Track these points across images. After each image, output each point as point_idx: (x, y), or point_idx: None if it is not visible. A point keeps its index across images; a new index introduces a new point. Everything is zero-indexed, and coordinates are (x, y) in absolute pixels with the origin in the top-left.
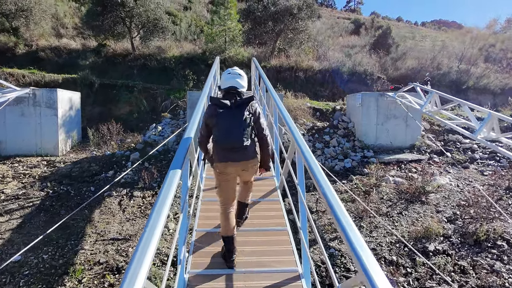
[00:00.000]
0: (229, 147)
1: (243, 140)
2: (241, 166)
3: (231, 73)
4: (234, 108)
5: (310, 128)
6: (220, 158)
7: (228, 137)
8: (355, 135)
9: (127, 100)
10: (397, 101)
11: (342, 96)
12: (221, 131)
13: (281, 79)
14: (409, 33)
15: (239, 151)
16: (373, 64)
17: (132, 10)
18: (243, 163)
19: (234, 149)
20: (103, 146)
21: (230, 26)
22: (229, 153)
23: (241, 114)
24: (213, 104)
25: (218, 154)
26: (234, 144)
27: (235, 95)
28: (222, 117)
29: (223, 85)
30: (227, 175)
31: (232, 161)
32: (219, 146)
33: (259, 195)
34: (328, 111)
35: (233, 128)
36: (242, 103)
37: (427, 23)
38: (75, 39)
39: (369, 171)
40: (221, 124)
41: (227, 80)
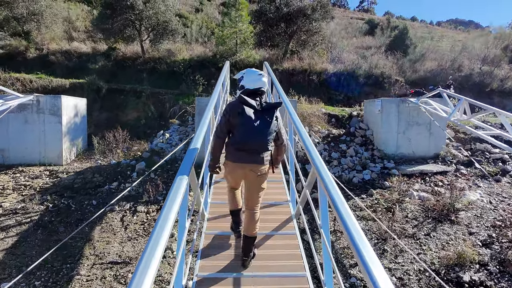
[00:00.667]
0: (246, 149)
1: (267, 145)
2: (251, 168)
3: (261, 74)
4: (262, 111)
5: (325, 135)
6: (233, 158)
7: (253, 140)
8: (373, 143)
9: (135, 106)
10: (421, 108)
11: (358, 101)
12: (246, 132)
13: (294, 83)
14: (425, 33)
15: (255, 154)
16: (390, 66)
17: (141, 12)
18: (255, 166)
19: (251, 152)
20: (109, 154)
21: (241, 28)
22: (245, 154)
23: (269, 119)
24: (240, 102)
25: (231, 154)
26: (258, 146)
27: (259, 96)
28: (249, 118)
29: (249, 85)
30: (235, 175)
31: (245, 162)
32: (237, 147)
33: (273, 226)
34: (344, 118)
35: (261, 132)
36: (271, 107)
37: (443, 22)
38: (85, 42)
39: (390, 184)
40: (247, 125)
41: (255, 81)
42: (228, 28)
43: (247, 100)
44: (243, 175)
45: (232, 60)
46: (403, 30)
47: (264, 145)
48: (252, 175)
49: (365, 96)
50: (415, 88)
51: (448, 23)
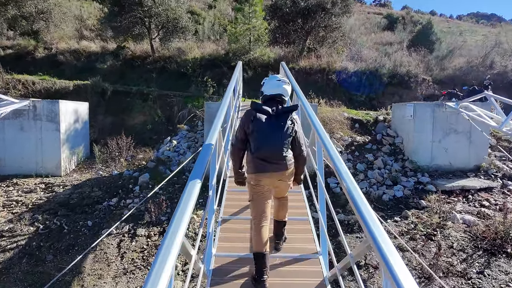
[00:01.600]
0: (266, 157)
1: (283, 150)
2: (277, 177)
3: (281, 80)
4: (276, 116)
5: (348, 143)
6: (255, 169)
7: (266, 146)
8: (404, 153)
9: (141, 109)
10: (463, 115)
11: (381, 102)
12: (259, 139)
13: (311, 83)
14: (449, 28)
15: (277, 162)
16: (415, 64)
17: (150, 9)
18: (280, 174)
19: (271, 160)
20: (111, 163)
21: (255, 24)
22: (265, 164)
23: (283, 122)
24: (253, 109)
25: (253, 164)
26: (273, 154)
27: (278, 103)
28: (262, 124)
29: (268, 91)
30: (262, 187)
31: (268, 171)
32: (255, 156)
33: None
34: (369, 123)
35: (274, 137)
36: (285, 111)
37: (464, 16)
38: (94, 41)
39: (427, 203)
40: (260, 132)
41: (274, 87)
42: (241, 25)
43: (259, 105)
44: (269, 184)
45: (245, 58)
46: (427, 24)
47: (279, 152)
48: (277, 183)
49: (389, 97)
50: (445, 88)
51: (469, 16)
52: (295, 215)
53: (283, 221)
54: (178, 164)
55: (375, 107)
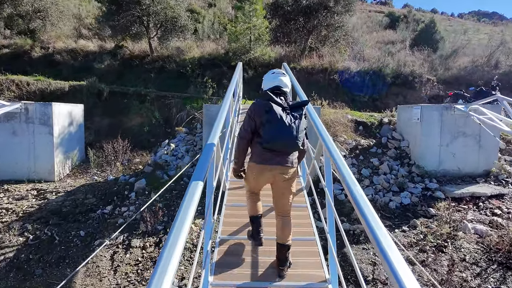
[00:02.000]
0: (278, 149)
1: (297, 145)
2: (281, 171)
3: (275, 73)
4: (290, 109)
5: (352, 147)
6: (260, 159)
7: (282, 139)
8: (410, 157)
9: (138, 111)
10: (474, 119)
11: (385, 102)
12: (275, 131)
13: (313, 83)
14: (449, 26)
15: (283, 156)
16: (419, 64)
17: (148, 8)
18: (284, 168)
19: (283, 152)
20: (107, 168)
21: (256, 23)
22: (273, 156)
23: (299, 116)
24: (268, 100)
25: (258, 155)
26: (287, 147)
27: (280, 95)
28: (277, 116)
29: (267, 86)
30: (261, 179)
31: (273, 164)
32: (265, 147)
33: None
34: (374, 125)
35: (291, 130)
36: (297, 105)
37: (465, 14)
38: (92, 40)
39: (436, 211)
40: (276, 123)
41: (271, 80)
42: (241, 24)
43: (274, 98)
44: (270, 179)
45: (245, 58)
46: (430, 23)
47: (296, 144)
48: (280, 178)
49: (392, 97)
50: (450, 88)
51: (471, 15)
52: (300, 234)
53: (287, 245)
54: (176, 168)
55: (379, 108)
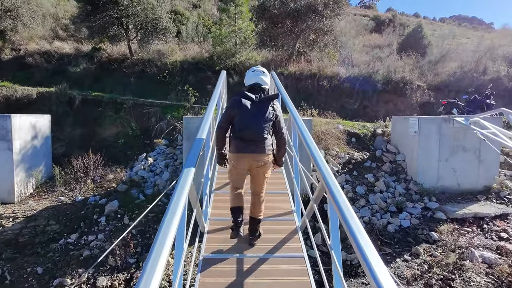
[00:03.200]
0: (247, 138)
1: (264, 132)
2: (254, 158)
3: (256, 71)
4: (258, 102)
5: (346, 161)
6: (236, 148)
7: (249, 128)
8: (406, 172)
9: (113, 121)
10: (477, 134)
11: (375, 110)
12: (243, 121)
13: (302, 89)
14: (431, 30)
15: (256, 144)
16: (409, 70)
17: (127, 8)
18: (257, 155)
19: (252, 141)
20: (76, 186)
21: (241, 26)
22: (246, 145)
23: (264, 109)
24: (239, 95)
25: (234, 144)
26: (254, 135)
27: (259, 91)
28: (246, 108)
29: (247, 82)
30: (239, 167)
31: (247, 152)
32: (237, 136)
33: None
34: (367, 137)
35: (256, 120)
36: (267, 99)
37: (446, 19)
38: (68, 42)
39: (439, 235)
40: (244, 114)
41: (251, 78)
42: (226, 26)
43: (245, 93)
44: (247, 165)
45: (230, 62)
46: (417, 28)
47: (260, 133)
48: (254, 165)
49: (383, 105)
50: (441, 95)
51: (452, 19)
52: None
53: (258, 219)
54: (154, 186)
55: (369, 115)
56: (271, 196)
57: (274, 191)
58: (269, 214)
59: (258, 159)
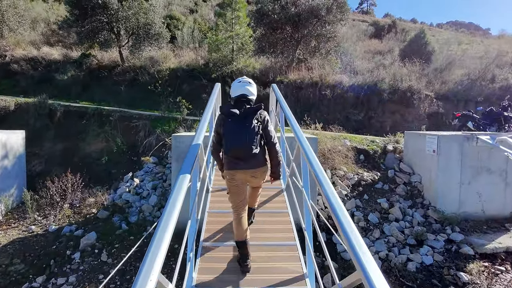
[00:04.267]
0: (238, 156)
1: (252, 148)
2: (250, 174)
3: (241, 81)
4: (242, 117)
5: (355, 183)
6: (229, 166)
7: (236, 146)
8: (423, 195)
9: (98, 135)
10: (508, 157)
11: (381, 121)
12: (229, 140)
13: (302, 99)
14: (431, 36)
15: (248, 160)
16: (416, 78)
17: (117, 13)
18: (252, 171)
19: (243, 158)
20: (52, 211)
21: (239, 31)
22: (238, 162)
23: (249, 122)
24: (221, 113)
25: (227, 163)
26: (243, 152)
27: (244, 103)
28: (231, 126)
29: (233, 94)
30: (235, 181)
31: (241, 169)
32: (228, 155)
33: None
34: (377, 154)
35: (241, 137)
36: (250, 111)
37: (444, 24)
38: (57, 48)
39: (469, 276)
40: (229, 133)
41: (237, 89)
42: (223, 32)
43: (226, 109)
44: (244, 180)
45: (227, 69)
46: (420, 33)
47: (249, 150)
48: (250, 178)
49: (389, 115)
50: (449, 105)
51: (449, 25)
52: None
53: (253, 208)
54: (139, 213)
55: (375, 127)
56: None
57: (277, 242)
58: None
59: (254, 174)
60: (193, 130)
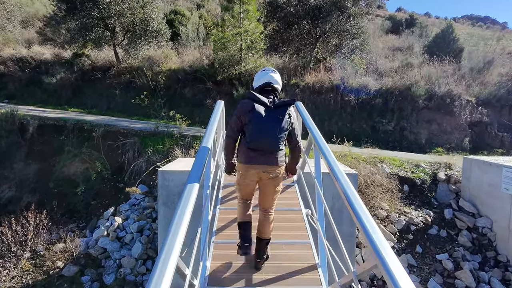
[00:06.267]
0: (260, 148)
1: (279, 144)
2: (265, 169)
3: (265, 70)
4: (273, 108)
5: (402, 228)
6: (246, 159)
7: (263, 138)
8: (496, 247)
9: (76, 156)
10: None
11: (415, 132)
12: (256, 131)
13: (321, 105)
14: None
15: (268, 156)
16: (454, 81)
17: (109, 7)
18: (267, 167)
19: (265, 151)
20: (6, 264)
21: (248, 27)
22: (257, 156)
23: (281, 116)
24: (251, 99)
25: (244, 155)
26: (269, 146)
27: (271, 92)
28: (260, 115)
29: (257, 83)
30: (247, 179)
31: (257, 163)
32: (248, 146)
33: None
34: (425, 183)
35: (271, 129)
36: (282, 104)
37: (459, 19)
38: (48, 47)
39: None
40: (257, 122)
41: (261, 77)
42: (230, 28)
43: (257, 96)
44: (256, 177)
45: (235, 71)
46: (447, 28)
47: (276, 144)
48: (265, 177)
49: (425, 125)
50: (496, 112)
51: (464, 19)
52: None
53: (266, 239)
54: (117, 269)
55: (408, 139)
56: None
57: None
58: None
59: (270, 171)
60: (192, 152)
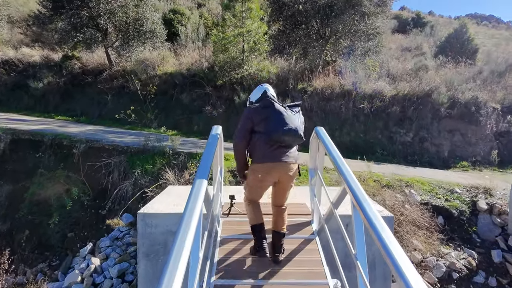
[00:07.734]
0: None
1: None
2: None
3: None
4: (287, 108)
5: (442, 276)
6: (264, 157)
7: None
8: None
9: (52, 177)
10: None
11: (437, 144)
12: (277, 122)
13: (331, 112)
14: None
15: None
16: (478, 85)
17: (98, 5)
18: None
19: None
20: None
21: (250, 27)
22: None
23: (297, 113)
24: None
25: (262, 153)
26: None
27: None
28: (279, 111)
29: (255, 97)
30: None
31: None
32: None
33: None
34: (464, 214)
35: (292, 121)
36: (292, 105)
37: (462, 17)
38: (37, 48)
39: None
40: (276, 115)
41: (257, 91)
42: (231, 28)
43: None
44: (277, 177)
45: (236, 75)
46: (460, 28)
47: (299, 133)
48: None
49: (448, 135)
50: None
51: (468, 17)
52: None
53: (282, 233)
54: None
55: (429, 152)
56: None
57: None
58: None
59: (289, 169)
60: (187, 174)
